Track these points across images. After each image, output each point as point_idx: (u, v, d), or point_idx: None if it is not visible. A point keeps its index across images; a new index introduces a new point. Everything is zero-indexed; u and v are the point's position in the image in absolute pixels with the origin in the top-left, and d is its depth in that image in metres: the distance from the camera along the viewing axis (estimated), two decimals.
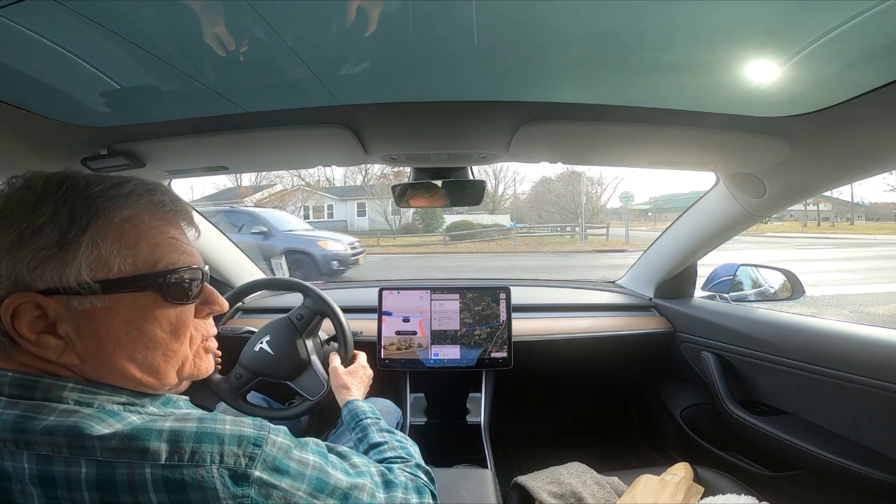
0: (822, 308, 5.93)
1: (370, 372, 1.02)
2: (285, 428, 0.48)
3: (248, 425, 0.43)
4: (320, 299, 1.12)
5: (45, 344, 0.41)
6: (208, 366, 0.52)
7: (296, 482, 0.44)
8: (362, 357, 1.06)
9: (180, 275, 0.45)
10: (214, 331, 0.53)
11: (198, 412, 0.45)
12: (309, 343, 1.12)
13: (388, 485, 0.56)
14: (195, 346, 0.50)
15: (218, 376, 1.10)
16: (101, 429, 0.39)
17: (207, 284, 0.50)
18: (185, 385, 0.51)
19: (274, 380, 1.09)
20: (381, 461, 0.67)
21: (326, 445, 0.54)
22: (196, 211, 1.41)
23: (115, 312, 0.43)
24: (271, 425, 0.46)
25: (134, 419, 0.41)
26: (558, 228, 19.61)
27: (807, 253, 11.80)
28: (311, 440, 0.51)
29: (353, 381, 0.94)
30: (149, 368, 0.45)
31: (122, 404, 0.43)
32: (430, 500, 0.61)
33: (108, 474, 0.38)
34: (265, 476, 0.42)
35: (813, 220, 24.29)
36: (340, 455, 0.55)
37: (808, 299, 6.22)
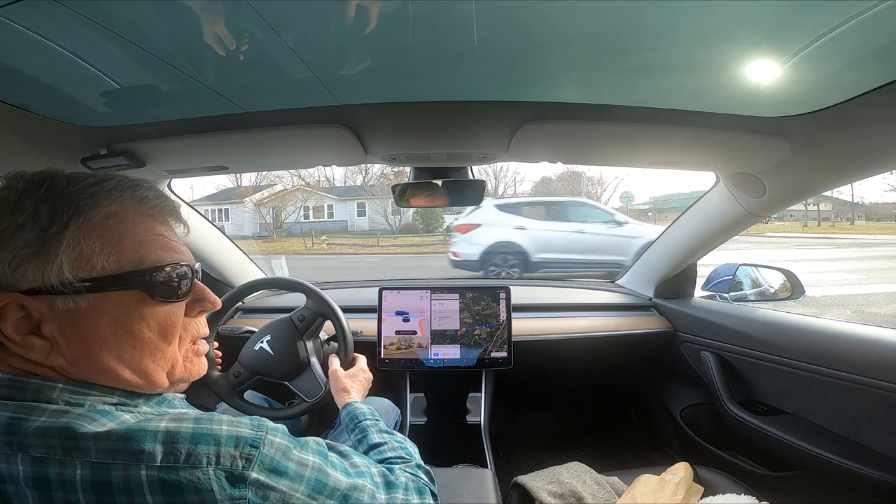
0: (823, 308, 5.84)
1: (370, 375, 1.02)
2: (284, 427, 0.47)
3: (245, 426, 0.43)
4: (323, 302, 1.12)
5: (31, 345, 0.41)
6: (200, 368, 0.51)
7: (294, 483, 0.44)
8: (362, 360, 1.06)
9: (167, 272, 0.45)
10: (206, 331, 0.53)
11: (194, 412, 0.44)
12: (309, 345, 1.12)
13: (388, 485, 0.56)
14: (184, 346, 0.49)
15: (216, 373, 1.10)
16: (94, 428, 0.38)
17: (198, 282, 0.50)
18: (182, 386, 0.51)
19: (272, 379, 1.09)
20: (381, 461, 0.67)
21: (327, 444, 0.53)
22: (196, 211, 1.41)
23: (100, 312, 0.42)
24: (270, 425, 0.45)
25: (128, 418, 0.40)
26: None
27: (808, 253, 11.67)
28: (311, 439, 0.51)
29: (353, 384, 0.95)
30: (137, 369, 0.44)
31: (114, 404, 0.43)
32: (431, 501, 0.61)
33: (102, 476, 0.37)
34: (262, 478, 0.41)
35: (813, 220, 24.22)
36: (341, 454, 0.55)
37: (809, 300, 6.13)
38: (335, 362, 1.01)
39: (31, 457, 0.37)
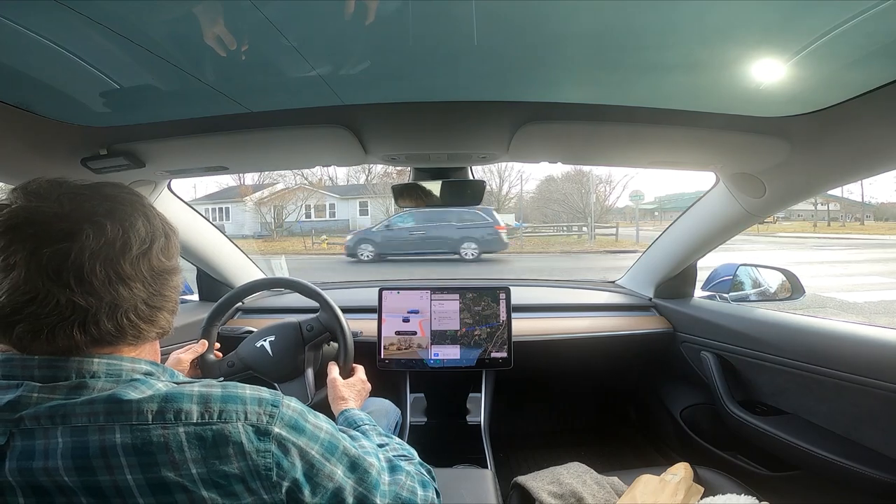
0: (870, 316, 5.34)
1: (368, 386, 1.03)
2: (297, 398, 0.52)
3: (264, 391, 0.49)
4: (333, 315, 1.11)
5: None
6: None
7: (311, 441, 0.49)
8: (361, 371, 1.06)
9: None
10: None
11: (216, 381, 0.49)
12: (310, 355, 1.12)
13: (393, 469, 0.59)
14: None
15: (212, 357, 1.10)
16: (137, 395, 0.43)
17: None
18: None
19: (263, 378, 1.09)
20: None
21: (338, 428, 0.56)
22: (196, 211, 1.41)
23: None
24: (284, 394, 0.50)
25: (161, 386, 0.45)
26: (565, 228, 19.37)
27: (828, 254, 11.19)
28: (322, 415, 0.55)
29: (351, 393, 0.95)
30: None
31: (144, 374, 0.47)
32: (434, 496, 0.63)
33: (144, 438, 0.41)
34: (283, 433, 0.47)
35: (822, 219, 24.03)
36: (351, 437, 0.58)
37: (852, 306, 5.78)
38: (334, 370, 1.01)
39: (71, 427, 0.40)
